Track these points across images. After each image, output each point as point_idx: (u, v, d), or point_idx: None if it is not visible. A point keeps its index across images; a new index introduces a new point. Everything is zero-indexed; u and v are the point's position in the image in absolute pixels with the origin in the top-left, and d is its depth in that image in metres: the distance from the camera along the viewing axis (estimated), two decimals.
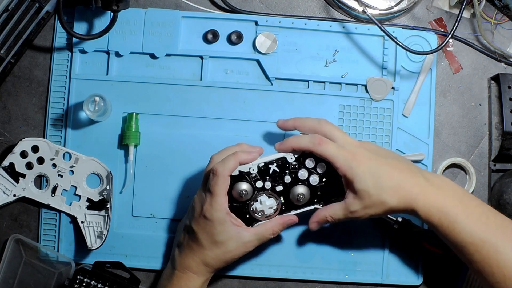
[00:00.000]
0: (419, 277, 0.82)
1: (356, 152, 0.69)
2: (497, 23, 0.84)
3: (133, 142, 0.81)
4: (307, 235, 0.82)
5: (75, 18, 0.83)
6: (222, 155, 0.73)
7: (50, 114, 0.83)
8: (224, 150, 0.74)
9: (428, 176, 0.70)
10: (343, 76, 0.83)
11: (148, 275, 0.83)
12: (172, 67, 0.83)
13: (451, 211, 0.67)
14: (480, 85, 0.85)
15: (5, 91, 0.84)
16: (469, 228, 0.67)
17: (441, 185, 0.70)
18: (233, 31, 0.83)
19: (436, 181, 0.70)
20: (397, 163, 0.70)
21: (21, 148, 0.81)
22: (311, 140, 0.70)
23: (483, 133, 0.84)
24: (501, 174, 0.83)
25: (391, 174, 0.69)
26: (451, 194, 0.69)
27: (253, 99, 0.83)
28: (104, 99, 0.79)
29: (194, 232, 0.73)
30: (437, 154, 0.84)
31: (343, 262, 0.82)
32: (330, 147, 0.69)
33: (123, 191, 0.82)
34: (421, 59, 0.83)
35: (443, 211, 0.68)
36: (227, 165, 0.70)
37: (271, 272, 0.82)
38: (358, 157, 0.68)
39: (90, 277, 0.78)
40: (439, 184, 0.70)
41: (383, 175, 0.68)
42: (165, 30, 0.83)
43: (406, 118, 0.83)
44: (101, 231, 0.81)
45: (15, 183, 0.81)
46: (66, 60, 0.83)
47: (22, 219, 0.83)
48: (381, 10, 0.82)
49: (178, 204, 0.82)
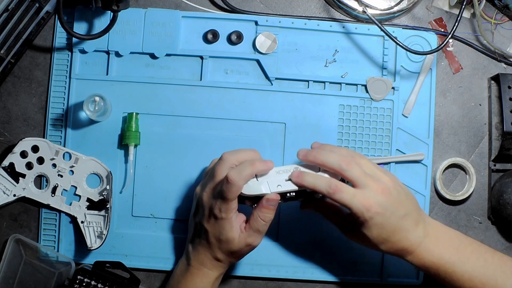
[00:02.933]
0: (419, 277, 0.82)
1: (372, 203, 0.67)
2: (497, 23, 0.84)
3: (133, 142, 0.81)
4: (307, 235, 0.82)
5: (75, 18, 0.83)
6: (235, 155, 0.72)
7: (50, 114, 0.83)
8: (238, 152, 0.72)
9: (427, 228, 0.71)
10: (343, 76, 0.83)
11: (148, 275, 0.83)
12: (172, 67, 0.83)
13: (448, 261, 0.69)
14: (480, 85, 0.85)
15: (5, 91, 0.84)
16: (468, 274, 0.69)
17: (438, 237, 0.71)
18: (233, 31, 0.83)
19: (433, 233, 0.71)
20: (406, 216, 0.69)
21: (21, 148, 0.81)
22: (327, 187, 0.68)
23: (483, 133, 0.84)
24: (501, 174, 0.83)
25: (397, 231, 0.69)
26: (447, 244, 0.70)
27: (253, 99, 0.83)
28: (104, 99, 0.79)
29: (204, 230, 0.73)
30: (437, 154, 0.84)
31: (343, 262, 0.82)
32: (345, 196, 0.67)
33: (123, 191, 0.82)
34: (421, 59, 0.83)
35: (440, 262, 0.69)
36: (243, 175, 0.69)
37: (271, 272, 0.82)
38: (373, 208, 0.67)
39: (90, 277, 0.78)
40: (436, 236, 0.71)
41: (389, 230, 0.69)
42: (165, 30, 0.83)
43: (406, 118, 0.83)
44: (101, 231, 0.81)
45: (15, 183, 0.81)
46: (66, 60, 0.83)
47: (22, 219, 0.83)
48: (381, 10, 0.82)
49: (178, 204, 0.82)
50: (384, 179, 0.69)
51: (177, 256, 0.82)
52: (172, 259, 0.82)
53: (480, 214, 0.84)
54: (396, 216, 0.68)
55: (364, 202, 0.67)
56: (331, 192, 0.68)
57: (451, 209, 0.84)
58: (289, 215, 0.82)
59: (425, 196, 0.83)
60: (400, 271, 0.82)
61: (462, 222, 0.84)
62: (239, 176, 0.68)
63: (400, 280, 0.82)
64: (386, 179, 0.69)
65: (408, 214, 0.69)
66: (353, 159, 0.69)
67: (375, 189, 0.68)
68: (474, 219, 0.84)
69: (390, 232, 0.69)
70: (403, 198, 0.70)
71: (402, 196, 0.70)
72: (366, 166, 0.70)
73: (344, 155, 0.70)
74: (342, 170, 0.68)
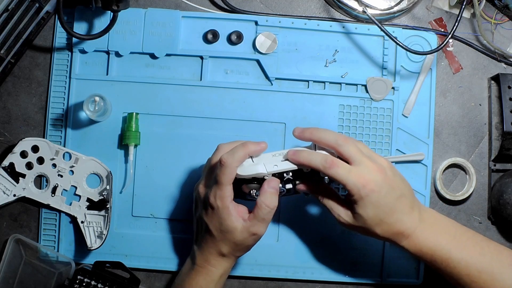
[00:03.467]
0: (419, 277, 0.82)
1: (368, 180, 0.67)
2: (497, 23, 0.84)
3: (133, 142, 0.81)
4: (307, 235, 0.82)
5: (75, 18, 0.83)
6: (229, 143, 0.72)
7: (50, 114, 0.83)
8: (233, 141, 0.72)
9: (422, 214, 0.71)
10: (343, 76, 0.83)
11: (148, 275, 0.83)
12: (172, 67, 0.83)
13: (444, 248, 0.69)
14: (480, 85, 0.85)
15: (5, 91, 0.84)
16: (464, 261, 0.68)
17: (434, 223, 0.70)
18: (233, 31, 0.83)
19: (429, 219, 0.70)
20: (401, 198, 0.69)
21: (21, 148, 0.81)
22: (323, 162, 0.68)
23: (483, 133, 0.84)
24: (501, 174, 0.83)
25: (392, 211, 0.68)
26: (444, 230, 0.70)
27: (253, 99, 0.83)
28: (104, 99, 0.79)
29: (205, 223, 0.72)
30: (437, 154, 0.84)
31: (343, 262, 0.82)
32: (341, 171, 0.67)
33: (123, 191, 0.82)
34: (421, 59, 0.83)
35: (436, 248, 0.69)
36: (236, 156, 0.68)
37: (271, 272, 0.82)
38: (368, 185, 0.67)
39: (90, 277, 0.78)
40: (431, 222, 0.70)
41: (385, 210, 0.68)
42: (165, 30, 0.83)
43: (406, 118, 0.83)
44: (101, 231, 0.81)
45: (15, 183, 0.81)
46: (66, 60, 0.83)
47: (22, 219, 0.83)
48: (381, 10, 0.82)
49: (178, 204, 0.82)
50: (380, 160, 0.69)
51: (177, 256, 0.82)
52: (172, 259, 0.82)
53: (480, 214, 0.84)
54: (391, 196, 0.68)
55: (360, 178, 0.66)
56: (327, 166, 0.67)
57: (451, 209, 0.84)
58: (289, 215, 0.82)
59: (425, 196, 0.83)
60: (400, 271, 0.82)
61: (462, 222, 0.84)
62: (232, 158, 0.68)
63: (400, 280, 0.82)
64: (382, 160, 0.69)
65: (403, 196, 0.69)
66: (350, 138, 0.70)
67: (370, 167, 0.67)
68: (474, 219, 0.84)
69: (385, 212, 0.68)
70: (399, 180, 0.70)
71: (397, 178, 0.69)
72: (362, 147, 0.70)
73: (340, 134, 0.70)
74: (339, 145, 0.68)
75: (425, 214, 0.71)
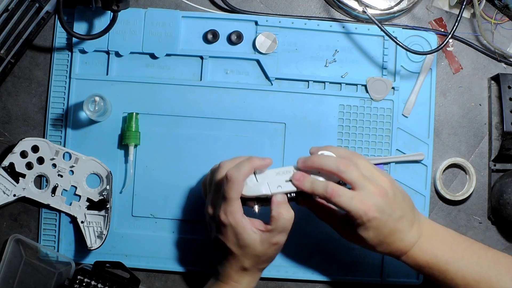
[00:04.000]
0: (419, 277, 0.82)
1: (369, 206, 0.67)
2: (497, 23, 0.84)
3: (133, 142, 0.81)
4: (307, 235, 0.82)
5: (75, 18, 0.83)
6: (232, 160, 0.72)
7: (50, 114, 0.83)
8: (235, 158, 0.72)
9: (421, 227, 0.71)
10: (343, 76, 0.83)
11: (148, 275, 0.83)
12: (172, 67, 0.83)
13: (441, 260, 0.69)
14: (480, 85, 0.85)
15: (5, 91, 0.84)
16: (461, 272, 0.69)
17: (431, 236, 0.71)
18: (233, 31, 0.83)
19: (427, 232, 0.71)
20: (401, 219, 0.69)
21: (21, 148, 0.81)
22: (324, 191, 0.68)
23: (483, 133, 0.84)
24: (501, 174, 0.83)
25: (392, 232, 0.69)
26: (441, 242, 0.70)
27: (253, 99, 0.83)
28: (104, 99, 0.79)
29: (222, 242, 0.71)
30: (437, 154, 0.84)
31: (343, 262, 0.82)
32: (343, 199, 0.67)
33: (123, 191, 0.82)
34: (421, 59, 0.83)
35: (433, 261, 0.69)
36: (242, 171, 0.68)
37: (271, 272, 0.82)
38: (370, 212, 0.67)
39: (90, 277, 0.78)
40: (429, 235, 0.70)
41: (385, 232, 0.68)
42: (165, 30, 0.83)
43: (406, 118, 0.83)
44: (101, 231, 0.81)
45: (15, 183, 0.81)
46: (66, 60, 0.83)
47: (22, 219, 0.83)
48: (381, 10, 0.82)
49: (178, 204, 0.82)
50: (381, 180, 0.69)
51: (177, 256, 0.82)
52: (172, 259, 0.82)
53: (480, 214, 0.84)
54: (392, 218, 0.68)
55: (362, 205, 0.67)
56: (328, 196, 0.68)
57: (451, 209, 0.84)
58: None
59: (425, 196, 0.83)
60: (400, 271, 0.82)
61: (462, 222, 0.84)
62: (238, 172, 0.68)
63: (400, 280, 0.82)
64: (384, 180, 0.69)
65: (404, 216, 0.69)
66: (351, 160, 0.69)
67: (372, 191, 0.67)
68: (474, 219, 0.84)
69: (386, 234, 0.69)
70: (400, 200, 0.70)
71: (398, 198, 0.70)
72: (363, 167, 0.70)
73: (341, 157, 0.70)
74: (340, 171, 0.68)
75: (424, 227, 0.71)
